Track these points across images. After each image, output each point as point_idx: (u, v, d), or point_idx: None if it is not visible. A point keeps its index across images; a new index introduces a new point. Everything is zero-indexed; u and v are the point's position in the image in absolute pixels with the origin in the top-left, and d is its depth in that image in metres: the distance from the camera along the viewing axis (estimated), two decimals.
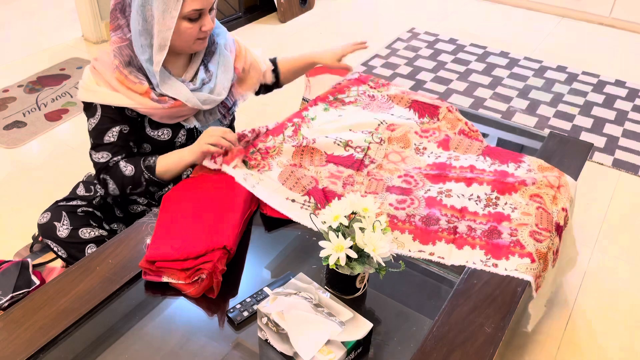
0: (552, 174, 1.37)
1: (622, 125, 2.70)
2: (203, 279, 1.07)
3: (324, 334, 0.95)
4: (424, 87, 2.96)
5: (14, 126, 2.50)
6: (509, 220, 1.25)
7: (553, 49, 3.44)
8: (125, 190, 1.37)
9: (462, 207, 1.28)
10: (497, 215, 1.26)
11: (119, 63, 1.29)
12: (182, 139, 1.42)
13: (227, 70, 1.43)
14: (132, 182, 1.35)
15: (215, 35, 1.43)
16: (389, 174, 1.37)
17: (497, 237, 1.20)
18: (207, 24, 1.28)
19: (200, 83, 1.37)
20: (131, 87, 1.29)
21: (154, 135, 1.39)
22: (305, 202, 1.28)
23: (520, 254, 1.16)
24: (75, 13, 3.38)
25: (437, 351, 0.99)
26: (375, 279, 1.15)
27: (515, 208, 1.28)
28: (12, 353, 0.97)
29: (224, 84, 1.42)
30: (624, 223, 2.08)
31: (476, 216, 1.26)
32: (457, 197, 1.30)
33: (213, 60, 1.40)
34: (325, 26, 3.62)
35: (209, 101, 1.38)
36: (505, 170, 1.37)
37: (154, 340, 1.02)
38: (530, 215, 1.26)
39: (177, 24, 1.25)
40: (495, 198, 1.30)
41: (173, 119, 1.38)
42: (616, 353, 1.59)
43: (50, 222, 1.43)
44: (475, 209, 1.28)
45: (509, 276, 1.14)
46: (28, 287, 1.53)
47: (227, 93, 1.43)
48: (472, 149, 1.45)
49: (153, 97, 1.31)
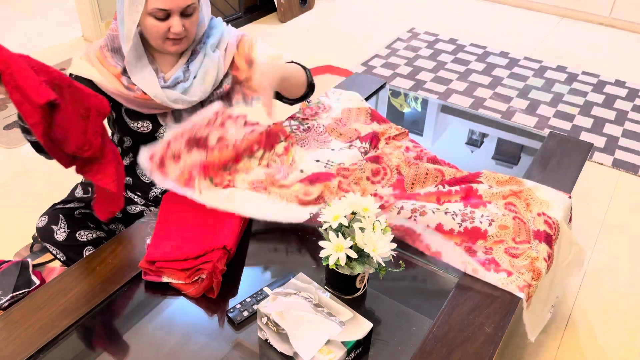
0: (512, 185, 1.35)
1: (622, 125, 2.70)
2: (203, 279, 1.08)
3: (324, 334, 0.95)
4: (424, 87, 2.96)
5: (14, 126, 2.51)
6: (484, 238, 1.22)
7: (553, 49, 3.44)
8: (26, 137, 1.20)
9: (437, 225, 1.25)
10: (473, 233, 1.23)
11: (105, 45, 1.35)
12: (164, 134, 1.42)
13: (209, 73, 1.40)
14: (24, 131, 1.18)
15: (207, 36, 1.42)
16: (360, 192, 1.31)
17: (472, 255, 1.19)
18: (175, 26, 1.28)
19: (174, 81, 1.36)
20: (106, 67, 1.34)
21: (134, 127, 1.40)
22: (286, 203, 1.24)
23: (495, 269, 1.15)
24: (75, 13, 3.38)
25: (437, 351, 0.99)
26: (375, 279, 1.15)
27: (493, 220, 1.25)
28: (12, 353, 0.97)
29: (203, 86, 1.39)
30: (624, 223, 2.08)
31: (452, 235, 1.24)
32: (432, 212, 1.26)
33: (196, 60, 1.39)
34: (325, 26, 3.63)
35: (180, 101, 1.37)
36: (470, 187, 1.34)
37: (154, 340, 1.02)
38: (508, 227, 1.24)
39: (144, 19, 1.27)
40: (470, 212, 1.28)
41: (144, 109, 1.38)
42: (616, 353, 1.59)
43: (47, 226, 1.43)
44: (451, 225, 1.25)
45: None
46: (28, 287, 1.53)
47: (204, 96, 1.40)
48: (429, 180, 1.38)
49: (123, 82, 1.33)
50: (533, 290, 1.14)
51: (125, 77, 1.34)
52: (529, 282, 1.13)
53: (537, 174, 1.47)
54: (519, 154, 1.64)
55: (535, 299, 1.17)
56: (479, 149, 1.66)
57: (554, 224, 1.27)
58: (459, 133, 1.72)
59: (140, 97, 1.34)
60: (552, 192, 1.35)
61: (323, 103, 1.69)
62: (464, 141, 1.69)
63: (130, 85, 1.33)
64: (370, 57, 3.24)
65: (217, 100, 1.43)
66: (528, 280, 1.13)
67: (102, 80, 1.33)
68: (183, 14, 1.28)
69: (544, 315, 1.31)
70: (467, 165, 1.46)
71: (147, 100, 1.35)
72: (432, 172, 1.38)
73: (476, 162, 1.58)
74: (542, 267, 1.16)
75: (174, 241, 1.14)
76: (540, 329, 1.27)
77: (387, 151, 1.48)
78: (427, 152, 1.50)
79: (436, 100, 1.95)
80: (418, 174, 1.38)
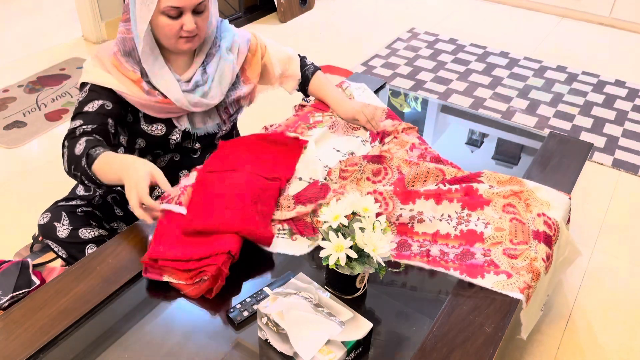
0: (512, 185, 1.35)
1: (622, 125, 2.70)
2: (205, 281, 1.08)
3: (324, 334, 0.95)
4: (424, 87, 2.96)
5: (14, 126, 2.51)
6: (481, 240, 1.23)
7: (553, 49, 3.44)
8: (70, 169, 1.25)
9: (434, 232, 1.26)
10: (469, 235, 1.24)
11: (117, 50, 1.33)
12: (177, 136, 1.42)
13: (225, 75, 1.42)
14: (75, 162, 1.23)
15: (220, 38, 1.43)
16: (358, 192, 1.33)
17: (470, 258, 1.19)
18: (187, 23, 1.28)
19: (194, 85, 1.37)
20: (124, 72, 1.32)
21: (148, 130, 1.40)
22: (280, 231, 1.24)
23: (495, 272, 1.15)
24: (75, 13, 3.38)
25: (437, 351, 0.99)
26: (375, 279, 1.15)
27: (488, 223, 1.25)
28: (12, 353, 0.97)
29: (220, 88, 1.41)
30: (624, 223, 2.08)
31: (448, 239, 1.24)
32: (429, 220, 1.27)
33: (212, 63, 1.40)
34: (325, 26, 3.63)
35: (200, 104, 1.38)
36: (470, 186, 1.34)
37: (154, 340, 1.02)
38: (504, 230, 1.24)
39: (156, 18, 1.27)
40: (467, 215, 1.28)
41: (162, 114, 1.38)
42: (616, 353, 1.59)
43: (50, 223, 1.43)
44: (447, 229, 1.25)
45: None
46: (28, 287, 1.53)
47: (221, 98, 1.42)
48: (430, 179, 1.38)
49: (144, 87, 1.32)
50: (532, 291, 1.14)
51: (145, 81, 1.33)
52: (528, 283, 1.13)
53: (537, 174, 1.47)
54: (519, 154, 1.64)
55: (532, 299, 1.17)
56: (479, 149, 1.66)
57: (554, 224, 1.27)
58: (459, 133, 1.72)
59: (161, 102, 1.34)
60: (553, 193, 1.35)
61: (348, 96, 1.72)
62: (464, 141, 1.69)
63: (151, 90, 1.33)
64: (370, 57, 3.24)
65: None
66: (528, 282, 1.13)
67: (121, 88, 1.32)
68: (195, 12, 1.29)
69: (537, 314, 1.31)
70: (467, 165, 1.46)
71: (166, 105, 1.35)
72: (432, 171, 1.38)
73: (476, 162, 1.58)
74: (541, 268, 1.16)
75: (177, 241, 1.14)
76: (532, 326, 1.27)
77: (393, 150, 1.49)
78: (432, 151, 1.50)
79: (436, 100, 1.95)
80: (419, 173, 1.38)
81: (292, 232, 1.23)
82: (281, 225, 1.25)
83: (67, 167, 1.26)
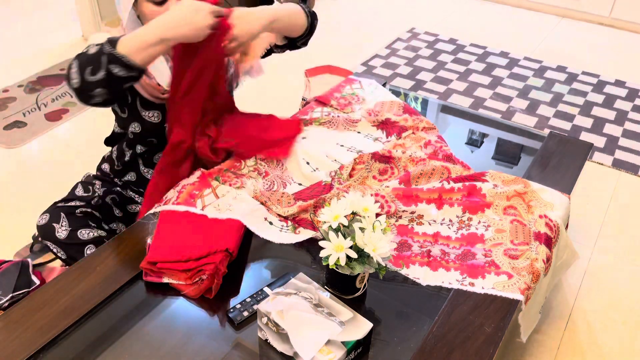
0: (517, 185, 1.35)
1: (622, 125, 2.70)
2: (204, 280, 1.08)
3: (324, 334, 0.95)
4: (424, 87, 2.96)
5: (14, 126, 2.51)
6: (482, 241, 1.23)
7: (553, 49, 3.44)
8: (84, 75, 1.12)
9: (434, 233, 1.26)
10: (470, 238, 1.24)
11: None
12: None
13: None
14: (92, 61, 1.12)
15: None
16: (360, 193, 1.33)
17: (472, 258, 1.19)
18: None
19: None
20: None
21: (145, 115, 1.41)
22: (283, 227, 1.24)
23: (496, 272, 1.15)
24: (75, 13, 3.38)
25: (437, 351, 0.99)
26: (375, 279, 1.15)
27: (489, 226, 1.26)
28: (12, 353, 0.97)
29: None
30: (624, 223, 2.08)
31: (449, 240, 1.24)
32: (429, 223, 1.27)
33: None
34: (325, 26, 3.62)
35: None
36: (473, 184, 1.34)
37: (154, 340, 1.02)
38: (505, 231, 1.24)
39: (142, 6, 1.27)
40: (468, 219, 1.28)
41: (154, 98, 1.39)
42: (616, 353, 1.59)
43: (49, 224, 1.43)
44: (448, 233, 1.25)
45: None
46: (28, 287, 1.53)
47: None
48: (435, 176, 1.39)
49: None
50: (531, 292, 1.14)
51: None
52: (528, 284, 1.13)
53: (537, 174, 1.47)
54: (519, 154, 1.64)
55: (531, 301, 1.17)
56: (479, 149, 1.66)
57: (555, 226, 1.27)
58: (459, 133, 1.72)
59: (154, 84, 1.36)
60: (555, 194, 1.35)
61: (357, 94, 1.70)
62: (464, 141, 1.69)
63: (149, 72, 1.35)
64: (370, 57, 3.24)
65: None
66: (528, 283, 1.13)
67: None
68: None
69: (536, 316, 1.31)
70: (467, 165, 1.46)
71: (158, 88, 1.37)
72: (438, 169, 1.39)
73: (476, 162, 1.57)
74: (541, 269, 1.16)
75: (175, 242, 1.14)
76: (531, 329, 1.27)
77: (407, 145, 1.49)
78: (445, 149, 1.51)
79: (436, 100, 1.95)
80: (425, 170, 1.39)
81: (295, 227, 1.24)
82: (285, 223, 1.25)
83: (81, 76, 1.12)
